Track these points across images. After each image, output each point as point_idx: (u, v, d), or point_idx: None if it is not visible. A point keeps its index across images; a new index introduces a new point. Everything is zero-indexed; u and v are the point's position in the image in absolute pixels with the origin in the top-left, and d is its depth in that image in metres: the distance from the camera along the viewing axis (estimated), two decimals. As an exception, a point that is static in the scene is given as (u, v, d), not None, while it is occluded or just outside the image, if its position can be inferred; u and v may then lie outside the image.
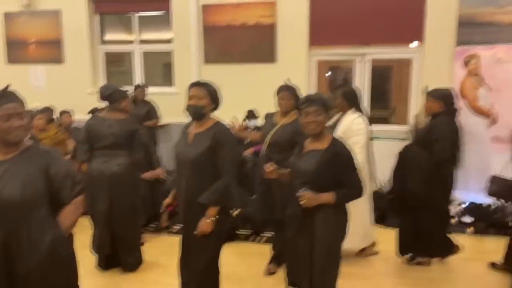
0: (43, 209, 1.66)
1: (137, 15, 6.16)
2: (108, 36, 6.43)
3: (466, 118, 4.74)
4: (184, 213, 2.35)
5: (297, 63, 5.47)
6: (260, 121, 4.96)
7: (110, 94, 3.26)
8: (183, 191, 2.32)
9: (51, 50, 6.23)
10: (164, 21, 6.02)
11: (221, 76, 4.92)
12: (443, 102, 3.16)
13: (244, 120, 5.18)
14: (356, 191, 2.15)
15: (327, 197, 2.07)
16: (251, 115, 5.26)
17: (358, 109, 3.35)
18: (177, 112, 2.42)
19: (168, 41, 6.06)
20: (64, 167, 1.74)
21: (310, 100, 2.18)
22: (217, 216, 2.25)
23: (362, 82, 5.47)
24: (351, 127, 3.19)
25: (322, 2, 5.37)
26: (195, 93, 2.32)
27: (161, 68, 6.84)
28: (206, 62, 5.80)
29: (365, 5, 5.22)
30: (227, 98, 3.45)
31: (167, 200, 2.53)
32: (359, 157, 2.89)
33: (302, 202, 2.07)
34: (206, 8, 5.68)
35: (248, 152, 4.78)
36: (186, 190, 2.30)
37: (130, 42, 6.28)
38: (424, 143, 3.13)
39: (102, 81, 6.26)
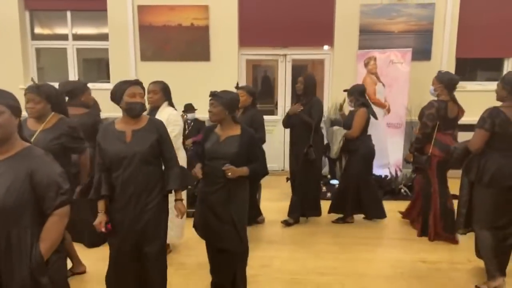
0: (26, 218, 1.60)
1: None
2: (40, 31, 6.44)
3: (367, 109, 5.82)
4: (134, 204, 2.33)
5: (228, 61, 6.12)
6: (197, 114, 5.54)
7: (69, 90, 3.35)
8: (132, 185, 2.33)
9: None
10: (100, 17, 6.23)
11: (158, 73, 5.37)
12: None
13: (183, 113, 5.68)
14: (262, 166, 2.66)
15: (245, 170, 2.55)
16: (189, 108, 5.78)
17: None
18: (114, 107, 2.49)
19: (103, 37, 6.29)
20: (49, 175, 1.63)
21: (213, 94, 2.62)
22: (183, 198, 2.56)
23: (283, 79, 6.32)
24: (169, 119, 3.38)
25: (249, 7, 6.08)
26: (139, 90, 2.37)
27: (96, 64, 7.01)
28: (142, 59, 6.18)
29: (286, 13, 6.04)
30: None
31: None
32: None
33: (229, 174, 2.47)
34: (141, 9, 6.06)
35: (188, 142, 5.32)
36: (136, 183, 2.33)
37: (64, 37, 6.37)
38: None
39: (33, 77, 6.28)
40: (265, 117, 4.42)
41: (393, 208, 4.55)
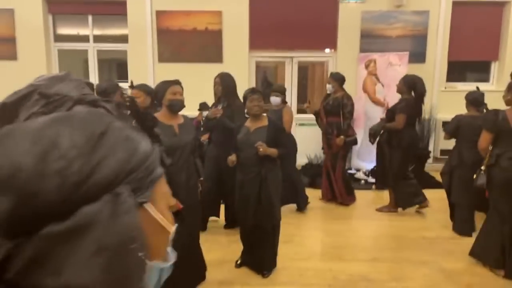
0: None
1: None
2: (63, 32, 6.86)
3: (367, 107, 6.38)
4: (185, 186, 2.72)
5: (240, 63, 6.61)
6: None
7: (103, 90, 3.59)
8: (184, 171, 2.74)
9: (5, 47, 6.49)
10: (120, 19, 6.68)
11: (174, 73, 5.78)
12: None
13: (199, 111, 6.16)
14: (286, 150, 3.17)
15: (274, 150, 3.03)
16: (204, 106, 6.25)
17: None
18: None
19: (122, 38, 6.74)
20: None
21: (253, 90, 3.15)
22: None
23: (290, 80, 6.83)
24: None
25: (259, 13, 6.57)
26: (179, 89, 2.73)
27: (114, 66, 7.45)
28: (160, 61, 6.64)
29: (292, 18, 6.55)
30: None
31: None
32: None
33: (260, 150, 2.91)
34: (159, 14, 6.52)
35: (204, 138, 5.81)
36: (187, 169, 2.77)
37: (86, 38, 6.80)
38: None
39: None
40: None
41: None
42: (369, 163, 6.22)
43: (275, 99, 4.48)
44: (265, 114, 3.25)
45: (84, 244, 0.40)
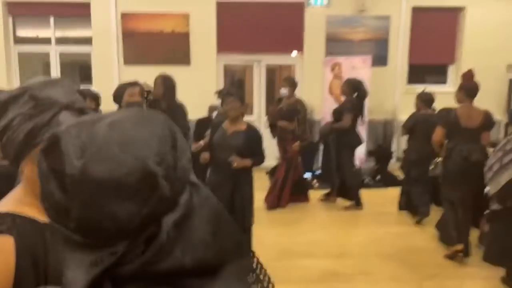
0: None
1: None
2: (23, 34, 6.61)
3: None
4: None
5: (208, 66, 6.61)
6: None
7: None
8: None
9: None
10: (83, 20, 6.52)
11: (140, 76, 5.71)
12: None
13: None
14: (261, 158, 3.16)
15: (248, 161, 3.03)
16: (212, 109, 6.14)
17: None
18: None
19: (86, 41, 6.58)
20: None
21: (229, 93, 3.17)
22: None
23: (258, 83, 6.90)
24: None
25: (226, 16, 6.60)
26: (137, 91, 2.80)
27: (77, 69, 7.26)
28: (125, 63, 6.54)
29: (260, 21, 6.63)
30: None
31: None
32: None
33: (234, 164, 2.91)
34: (125, 16, 6.42)
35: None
36: None
37: (47, 41, 6.59)
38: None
39: (15, 81, 6.46)
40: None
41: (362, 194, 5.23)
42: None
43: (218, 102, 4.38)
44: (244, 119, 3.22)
45: (193, 225, 0.49)
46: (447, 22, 6.89)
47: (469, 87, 3.60)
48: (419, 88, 6.89)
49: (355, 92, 4.80)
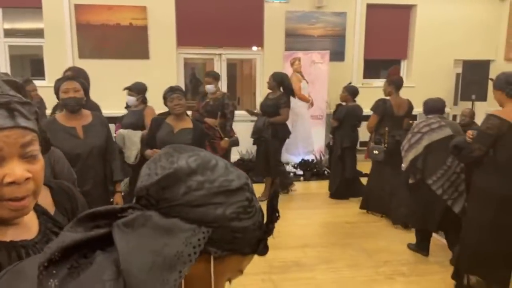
0: None
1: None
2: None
3: (295, 103, 6.65)
4: (93, 196, 2.42)
5: (167, 59, 6.52)
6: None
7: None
8: (92, 179, 2.51)
9: None
10: (34, 12, 6.20)
11: (96, 70, 5.56)
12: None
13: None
14: None
15: None
16: None
17: None
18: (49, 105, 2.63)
19: (37, 33, 6.27)
20: (68, 167, 1.90)
21: (173, 89, 3.04)
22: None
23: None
24: None
25: (186, 9, 6.52)
26: (71, 86, 2.46)
27: (28, 62, 6.90)
28: (80, 57, 6.30)
29: (220, 15, 6.61)
30: (105, 91, 4.10)
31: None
32: None
33: None
34: (78, 7, 6.18)
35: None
36: (95, 176, 2.53)
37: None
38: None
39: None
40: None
41: (321, 185, 5.43)
42: (297, 157, 6.53)
43: (130, 99, 4.07)
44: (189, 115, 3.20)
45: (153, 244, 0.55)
46: (399, 19, 7.19)
47: (397, 81, 4.31)
48: (375, 82, 7.22)
49: (280, 86, 4.90)
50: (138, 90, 4.11)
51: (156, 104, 4.98)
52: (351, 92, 5.11)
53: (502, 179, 2.68)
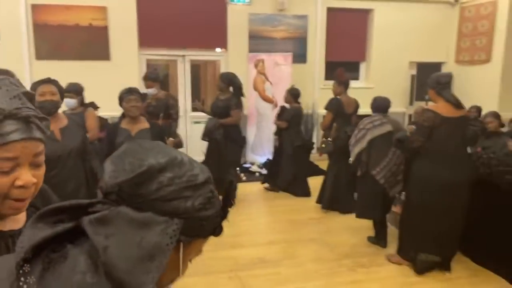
0: None
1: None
2: None
3: (258, 103, 6.77)
4: (77, 198, 2.63)
5: (129, 61, 6.43)
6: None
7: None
8: (73, 180, 2.50)
9: None
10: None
11: (55, 72, 5.39)
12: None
13: None
14: None
15: None
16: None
17: None
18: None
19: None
20: None
21: (130, 91, 3.04)
22: None
23: (183, 78, 6.88)
24: None
25: (148, 10, 6.46)
26: (49, 89, 2.47)
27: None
28: (37, 58, 6.11)
29: (183, 16, 6.60)
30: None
31: None
32: None
33: None
34: (35, 7, 5.98)
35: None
36: (76, 178, 2.51)
37: None
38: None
39: None
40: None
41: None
42: (262, 157, 6.63)
43: (68, 101, 3.81)
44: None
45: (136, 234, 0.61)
46: (358, 22, 7.47)
47: (345, 82, 4.70)
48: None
49: (230, 86, 4.78)
50: (76, 91, 3.95)
51: (117, 106, 4.94)
52: (294, 94, 5.31)
53: (437, 166, 3.05)
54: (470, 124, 4.71)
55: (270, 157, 6.49)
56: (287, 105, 5.41)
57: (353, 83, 7.43)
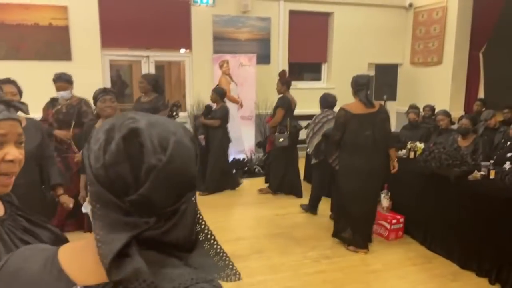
0: None
1: None
2: None
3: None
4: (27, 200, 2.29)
5: (91, 61, 6.31)
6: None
7: None
8: (24, 184, 2.37)
9: None
10: None
11: (13, 72, 5.22)
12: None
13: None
14: None
15: None
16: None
17: None
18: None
19: None
20: None
21: (106, 91, 3.01)
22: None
23: (147, 78, 6.84)
24: None
25: (110, 10, 6.37)
26: (9, 89, 2.48)
27: None
28: (-6, 58, 5.89)
29: (147, 17, 6.56)
30: (24, 94, 4.00)
31: None
32: None
33: None
34: (-9, 6, 5.77)
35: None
36: (28, 182, 2.27)
37: None
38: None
39: None
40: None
41: (252, 183, 5.67)
42: (229, 156, 6.70)
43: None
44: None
45: (188, 211, 0.63)
46: (319, 25, 7.73)
47: (288, 82, 5.21)
48: (299, 84, 7.65)
49: (155, 88, 4.54)
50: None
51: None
52: (220, 94, 5.59)
53: (352, 156, 3.56)
54: (426, 123, 5.64)
55: (237, 156, 6.61)
56: (213, 105, 5.66)
57: (315, 84, 7.77)
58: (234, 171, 6.19)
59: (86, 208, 0.66)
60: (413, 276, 3.33)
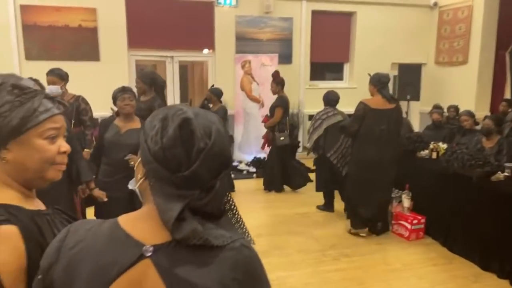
0: None
1: None
2: None
3: (245, 103, 6.96)
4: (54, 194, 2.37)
5: (118, 61, 6.53)
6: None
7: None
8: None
9: None
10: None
11: (44, 72, 5.47)
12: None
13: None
14: None
15: None
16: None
17: None
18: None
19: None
20: None
21: (124, 89, 3.00)
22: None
23: (171, 78, 7.01)
24: None
25: (136, 11, 6.57)
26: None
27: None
28: (27, 59, 6.16)
29: (172, 18, 6.73)
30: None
31: None
32: None
33: (131, 163, 2.69)
34: (24, 8, 6.04)
35: None
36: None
37: None
38: None
39: None
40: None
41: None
42: (249, 155, 6.80)
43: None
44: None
45: (220, 185, 0.78)
46: (341, 24, 7.72)
47: (282, 82, 5.36)
48: (320, 84, 7.67)
49: (152, 86, 4.21)
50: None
51: (107, 107, 5.04)
52: (217, 94, 5.30)
53: (366, 146, 3.82)
54: (450, 123, 5.68)
55: (257, 155, 6.70)
56: (210, 105, 5.42)
57: (337, 84, 7.76)
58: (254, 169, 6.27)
59: (131, 185, 0.84)
60: (433, 276, 3.33)
